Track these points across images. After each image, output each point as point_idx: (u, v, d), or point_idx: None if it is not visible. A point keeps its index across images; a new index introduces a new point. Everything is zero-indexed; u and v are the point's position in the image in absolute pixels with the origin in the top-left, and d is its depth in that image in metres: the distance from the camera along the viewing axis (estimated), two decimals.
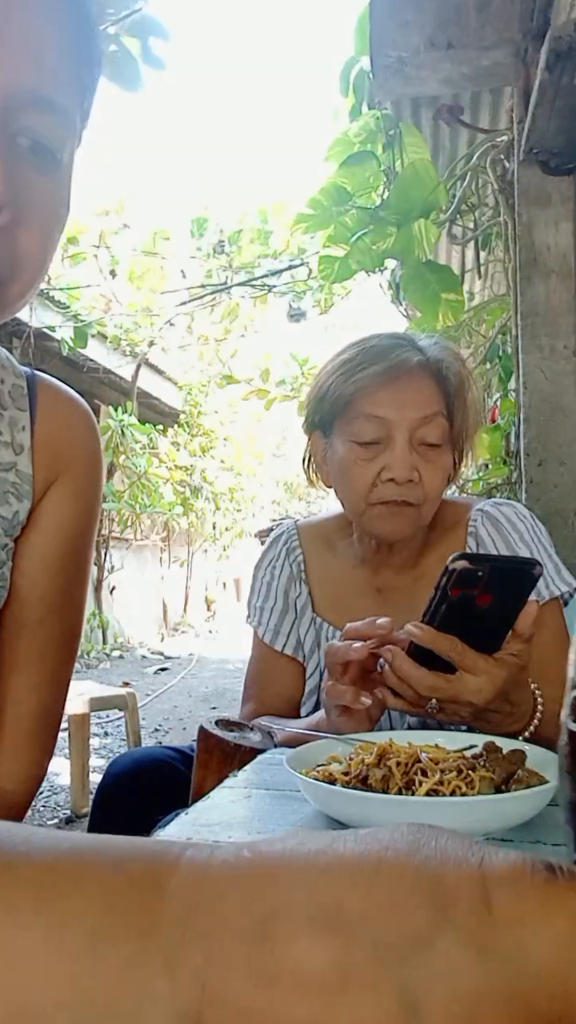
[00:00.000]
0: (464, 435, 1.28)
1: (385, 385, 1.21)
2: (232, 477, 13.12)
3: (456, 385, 1.25)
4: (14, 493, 0.83)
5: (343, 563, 1.37)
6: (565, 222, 2.19)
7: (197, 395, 11.14)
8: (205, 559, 14.35)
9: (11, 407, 0.85)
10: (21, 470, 0.84)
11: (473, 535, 1.29)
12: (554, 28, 1.67)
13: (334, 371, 1.26)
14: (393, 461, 1.19)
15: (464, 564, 0.94)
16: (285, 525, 1.46)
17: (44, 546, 0.85)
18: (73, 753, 3.55)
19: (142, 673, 8.20)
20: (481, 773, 0.82)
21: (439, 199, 2.64)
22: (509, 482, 2.56)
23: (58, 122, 0.63)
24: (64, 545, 0.87)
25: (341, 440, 1.25)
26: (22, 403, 0.85)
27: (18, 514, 0.83)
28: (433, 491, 1.22)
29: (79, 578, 0.90)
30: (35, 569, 0.85)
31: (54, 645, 0.87)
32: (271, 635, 1.37)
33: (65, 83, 0.64)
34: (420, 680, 0.97)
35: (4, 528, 0.82)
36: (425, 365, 1.23)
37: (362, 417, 1.21)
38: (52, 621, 0.87)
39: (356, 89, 2.94)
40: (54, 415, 0.87)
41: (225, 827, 0.82)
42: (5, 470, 0.83)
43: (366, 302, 7.02)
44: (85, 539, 0.90)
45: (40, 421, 0.86)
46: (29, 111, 0.61)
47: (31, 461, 0.84)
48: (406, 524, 1.23)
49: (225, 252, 7.42)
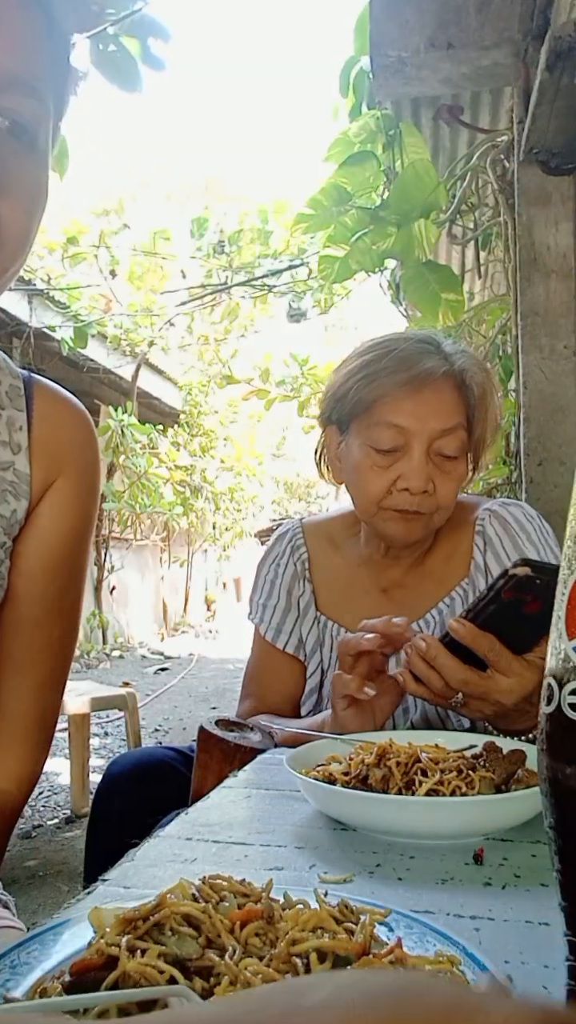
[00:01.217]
0: (482, 445, 1.28)
1: (409, 395, 1.19)
2: (232, 477, 13.11)
3: (479, 396, 1.24)
4: (12, 492, 0.83)
5: (348, 561, 1.37)
6: (565, 222, 2.18)
7: (197, 395, 11.13)
8: (205, 559, 14.34)
9: (9, 407, 0.85)
10: (19, 469, 0.84)
11: (480, 534, 1.29)
12: (554, 28, 1.67)
13: (356, 372, 1.24)
14: (409, 471, 1.19)
15: (527, 571, 0.93)
16: (290, 523, 1.46)
17: (42, 547, 0.86)
18: (73, 753, 3.54)
19: (142, 673, 8.20)
20: (481, 773, 0.82)
21: (439, 199, 2.63)
22: (509, 482, 2.56)
23: (36, 105, 0.66)
24: (62, 546, 0.87)
25: (358, 443, 1.24)
26: (19, 403, 0.86)
27: (16, 513, 0.83)
28: (446, 500, 1.22)
29: (76, 579, 0.91)
30: (33, 570, 0.85)
31: (51, 645, 0.88)
32: (273, 633, 1.36)
33: (41, 69, 0.67)
34: (454, 672, 0.97)
35: (3, 527, 0.83)
36: (450, 375, 1.21)
37: (382, 424, 1.20)
38: (49, 622, 0.87)
39: (356, 89, 2.94)
40: (51, 417, 0.88)
41: (225, 827, 0.82)
42: (3, 469, 0.83)
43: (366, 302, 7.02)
44: (83, 540, 0.90)
45: (37, 422, 0.86)
46: (7, 93, 0.63)
47: (28, 461, 0.85)
48: (417, 529, 1.23)
49: (225, 252, 7.41)
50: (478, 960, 0.50)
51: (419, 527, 1.23)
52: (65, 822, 3.49)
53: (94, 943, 0.48)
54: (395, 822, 0.77)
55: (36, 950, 0.53)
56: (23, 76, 0.64)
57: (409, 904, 0.62)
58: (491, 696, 0.97)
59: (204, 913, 0.49)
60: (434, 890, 0.67)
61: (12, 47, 0.64)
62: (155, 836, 0.79)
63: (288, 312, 7.42)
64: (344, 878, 0.68)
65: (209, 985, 0.46)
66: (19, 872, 2.93)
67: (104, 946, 0.47)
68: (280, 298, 7.37)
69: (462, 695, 0.99)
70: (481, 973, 0.48)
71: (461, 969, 0.48)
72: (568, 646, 0.39)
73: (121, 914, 0.49)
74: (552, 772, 0.39)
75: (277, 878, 0.58)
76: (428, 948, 0.52)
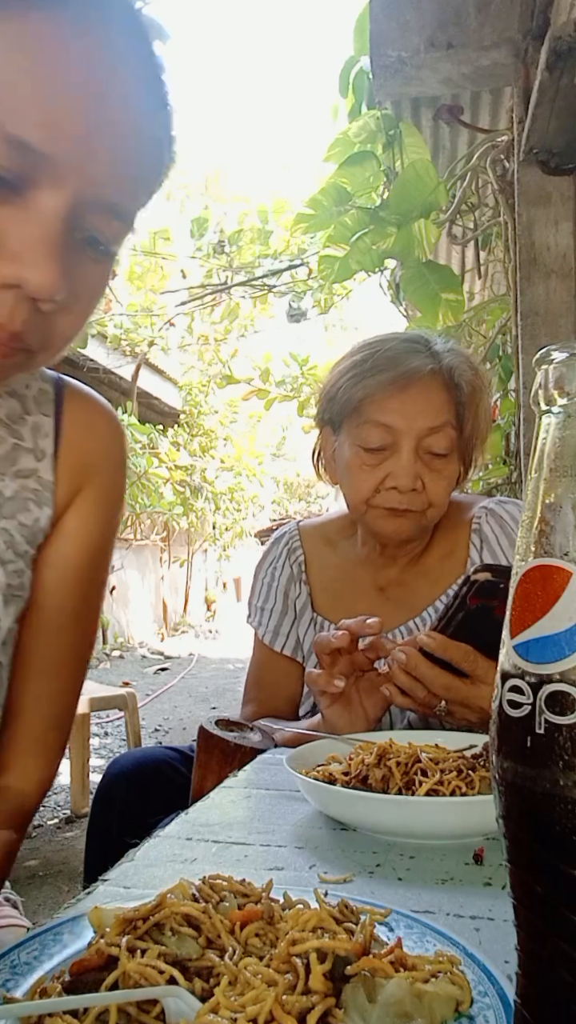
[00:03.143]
0: (473, 443, 1.28)
1: (395, 393, 1.20)
2: (232, 477, 13.11)
3: (468, 394, 1.24)
4: (34, 500, 0.82)
5: (344, 562, 1.37)
6: (565, 222, 2.18)
7: (197, 395, 11.12)
8: (205, 559, 14.34)
9: (35, 412, 0.84)
10: (42, 477, 0.83)
11: (477, 532, 1.29)
12: (554, 28, 1.67)
13: (345, 372, 1.24)
14: (398, 469, 1.19)
15: (487, 576, 0.94)
16: (287, 526, 1.46)
17: (67, 556, 0.85)
18: (73, 753, 3.54)
19: (142, 673, 8.20)
20: (481, 773, 0.82)
21: (439, 199, 2.63)
22: (509, 482, 2.56)
23: (122, 226, 0.67)
24: (86, 555, 0.86)
25: (349, 442, 1.24)
26: (47, 408, 0.85)
27: (38, 521, 0.82)
28: (438, 498, 1.22)
29: (98, 586, 0.90)
30: (57, 579, 0.85)
31: (71, 652, 0.88)
32: (271, 636, 1.37)
33: (138, 193, 0.68)
34: (434, 679, 0.98)
35: (25, 536, 0.81)
36: (437, 373, 1.21)
37: (370, 423, 1.20)
38: (70, 629, 0.87)
39: (355, 89, 2.94)
40: (82, 423, 0.86)
41: (225, 827, 0.82)
42: (26, 476, 0.82)
43: (366, 302, 7.02)
44: (106, 549, 0.90)
45: (67, 428, 0.85)
46: (98, 214, 0.64)
47: (53, 468, 0.84)
48: (407, 527, 1.23)
49: (225, 252, 7.41)
50: (478, 960, 0.50)
51: (409, 524, 1.23)
52: (65, 822, 3.49)
53: (94, 943, 0.48)
54: (395, 822, 0.77)
55: (36, 950, 0.53)
56: (120, 202, 0.65)
57: (409, 904, 0.62)
58: (473, 703, 0.97)
59: (204, 913, 0.50)
60: (434, 890, 0.67)
61: (117, 175, 0.64)
62: (155, 836, 0.79)
63: (288, 312, 7.42)
64: (344, 878, 0.68)
65: (209, 985, 0.46)
66: (19, 872, 2.92)
67: (104, 946, 0.47)
68: (280, 298, 7.37)
69: (445, 703, 0.99)
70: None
71: (461, 969, 0.48)
72: (511, 643, 0.40)
73: (121, 914, 0.49)
74: (496, 765, 0.41)
75: (277, 878, 0.59)
76: (428, 948, 0.52)
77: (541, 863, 0.39)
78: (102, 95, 0.61)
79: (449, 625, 0.98)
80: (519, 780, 0.39)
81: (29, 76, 0.58)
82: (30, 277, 0.60)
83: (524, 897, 0.40)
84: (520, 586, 0.40)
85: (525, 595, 0.40)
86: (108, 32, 0.62)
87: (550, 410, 0.40)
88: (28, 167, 0.58)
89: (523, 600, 0.40)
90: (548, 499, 0.40)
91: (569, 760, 0.37)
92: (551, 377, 0.40)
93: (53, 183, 0.60)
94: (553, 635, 0.38)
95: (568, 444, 0.40)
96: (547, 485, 0.40)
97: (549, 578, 0.39)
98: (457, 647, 0.97)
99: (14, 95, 0.57)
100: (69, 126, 0.59)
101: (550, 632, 0.38)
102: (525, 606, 0.40)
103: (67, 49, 0.59)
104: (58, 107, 0.59)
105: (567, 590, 0.38)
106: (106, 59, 0.61)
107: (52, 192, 0.60)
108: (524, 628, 0.39)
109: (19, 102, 0.57)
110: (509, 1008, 0.45)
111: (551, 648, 0.38)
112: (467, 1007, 0.45)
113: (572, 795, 0.37)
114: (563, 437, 0.40)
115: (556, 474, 0.40)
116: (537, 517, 0.40)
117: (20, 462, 0.82)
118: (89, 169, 0.61)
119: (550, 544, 0.39)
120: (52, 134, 0.58)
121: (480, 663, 0.96)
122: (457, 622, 0.97)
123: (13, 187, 0.59)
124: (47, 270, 0.60)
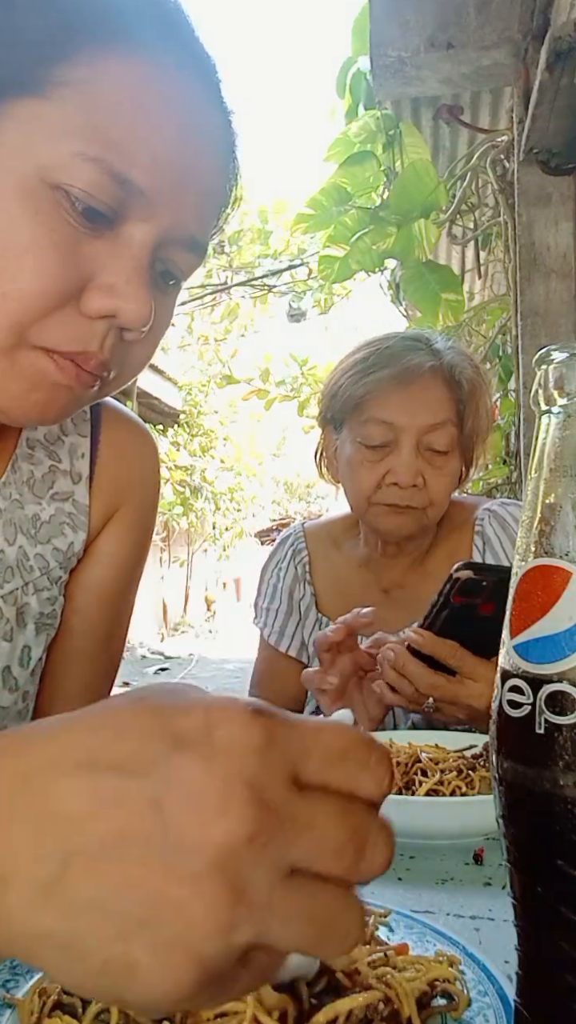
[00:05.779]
0: (474, 440, 1.28)
1: (396, 390, 1.20)
2: (232, 477, 13.11)
3: (468, 391, 1.24)
4: (70, 524, 0.81)
5: (348, 562, 1.37)
6: (565, 222, 2.18)
7: (197, 395, 11.13)
8: (205, 559, 14.34)
9: (72, 432, 0.83)
10: (78, 500, 0.81)
11: (480, 534, 1.29)
12: (554, 28, 1.67)
13: (347, 370, 1.25)
14: (398, 466, 1.19)
15: (468, 574, 0.94)
16: (292, 527, 1.47)
17: (99, 580, 0.84)
18: None
19: (142, 673, 8.20)
20: (481, 773, 0.82)
21: (439, 199, 2.64)
22: (509, 482, 2.56)
23: (195, 259, 0.68)
24: (118, 579, 0.85)
25: (350, 440, 1.25)
26: (83, 428, 0.83)
27: (73, 545, 0.81)
28: (439, 496, 1.22)
29: (128, 609, 0.89)
30: (89, 604, 0.83)
31: (99, 677, 0.87)
32: (276, 636, 1.37)
33: (212, 226, 0.70)
34: (421, 678, 0.98)
35: (59, 561, 0.80)
36: (438, 370, 1.22)
37: (371, 421, 1.21)
38: (100, 654, 0.86)
39: (353, 90, 2.94)
40: (118, 443, 0.85)
41: None
42: (63, 500, 0.80)
43: (366, 302, 7.03)
44: (138, 570, 0.89)
45: (103, 449, 0.84)
46: (177, 247, 0.65)
47: (88, 490, 0.82)
48: (409, 524, 1.23)
49: (225, 252, 7.41)
50: (478, 960, 0.50)
51: (410, 521, 1.23)
52: None
53: None
54: (395, 822, 0.77)
55: None
56: (198, 237, 0.66)
57: (409, 904, 0.62)
58: (461, 700, 0.97)
59: None
60: (434, 890, 0.67)
61: (198, 211, 0.65)
62: None
63: (288, 312, 7.43)
64: None
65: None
66: None
67: None
68: (280, 298, 7.38)
69: (432, 700, 1.00)
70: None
71: (461, 969, 0.48)
72: (511, 643, 0.40)
73: None
74: (496, 765, 0.41)
75: None
76: (428, 948, 0.52)
77: (541, 863, 0.39)
78: (195, 133, 0.63)
79: (435, 623, 0.98)
80: (519, 780, 0.39)
81: (133, 115, 0.59)
82: (126, 308, 0.61)
83: (524, 897, 0.41)
84: (520, 586, 0.40)
85: (525, 595, 0.40)
86: (197, 70, 0.63)
87: (550, 410, 0.40)
88: (125, 202, 0.60)
89: (523, 600, 0.40)
90: (548, 499, 0.40)
91: (569, 760, 0.37)
92: (551, 377, 0.40)
93: (144, 217, 0.61)
94: (553, 635, 0.38)
95: (568, 444, 0.40)
96: (547, 485, 0.40)
97: (549, 578, 0.39)
98: (444, 644, 0.97)
99: (119, 133, 0.58)
100: (169, 165, 0.61)
101: (550, 632, 0.38)
102: (525, 606, 0.40)
103: (168, 88, 0.61)
104: (161, 146, 0.60)
105: (567, 590, 0.38)
106: (198, 98, 0.63)
107: (142, 225, 0.61)
108: (524, 628, 0.40)
109: (124, 140, 0.58)
110: (509, 1008, 0.45)
111: (551, 648, 0.38)
112: (459, 1014, 0.45)
113: (572, 795, 0.37)
114: (563, 437, 0.40)
115: (556, 474, 0.40)
116: (537, 517, 0.40)
117: (57, 484, 0.80)
118: (179, 205, 0.63)
119: (550, 544, 0.39)
120: (153, 172, 0.60)
121: (467, 660, 0.97)
122: (442, 620, 0.98)
123: (108, 221, 0.60)
124: (142, 301, 0.61)
